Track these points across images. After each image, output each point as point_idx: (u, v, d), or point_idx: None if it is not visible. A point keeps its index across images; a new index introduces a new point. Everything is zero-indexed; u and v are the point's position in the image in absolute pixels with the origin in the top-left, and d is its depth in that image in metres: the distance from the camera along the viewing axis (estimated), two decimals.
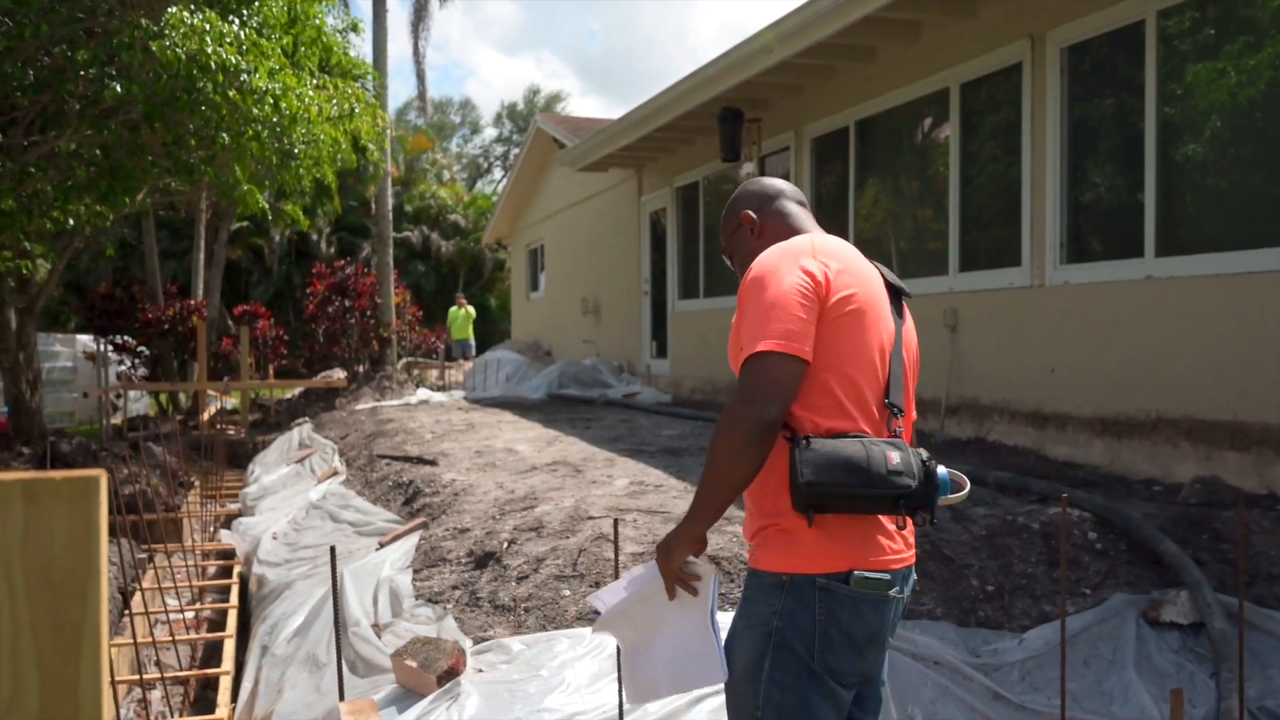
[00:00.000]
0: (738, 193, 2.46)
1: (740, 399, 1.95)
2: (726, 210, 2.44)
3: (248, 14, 7.01)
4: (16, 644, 0.92)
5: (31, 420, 11.03)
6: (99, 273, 25.69)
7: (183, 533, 7.88)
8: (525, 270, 20.53)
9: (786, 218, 2.36)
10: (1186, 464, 5.66)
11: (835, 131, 9.20)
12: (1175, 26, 6.01)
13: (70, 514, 0.92)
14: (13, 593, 0.92)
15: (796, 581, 1.99)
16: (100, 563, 0.96)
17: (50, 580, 0.93)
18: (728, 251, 2.45)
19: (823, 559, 1.99)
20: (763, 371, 1.96)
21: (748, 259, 2.29)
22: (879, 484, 1.94)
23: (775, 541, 2.03)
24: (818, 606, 1.97)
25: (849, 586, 1.98)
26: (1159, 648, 3.86)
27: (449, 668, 3.25)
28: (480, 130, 51.41)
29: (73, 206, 7.39)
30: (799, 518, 1.98)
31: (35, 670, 0.92)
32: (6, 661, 0.93)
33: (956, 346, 7.43)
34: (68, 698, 0.93)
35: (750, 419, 1.93)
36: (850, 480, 1.93)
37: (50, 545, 0.93)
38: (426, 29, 27.63)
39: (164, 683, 4.60)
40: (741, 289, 2.11)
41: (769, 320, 1.99)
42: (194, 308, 15.68)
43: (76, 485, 0.92)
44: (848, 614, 1.99)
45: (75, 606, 0.93)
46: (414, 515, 5.79)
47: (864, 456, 1.95)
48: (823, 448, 1.95)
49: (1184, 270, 5.83)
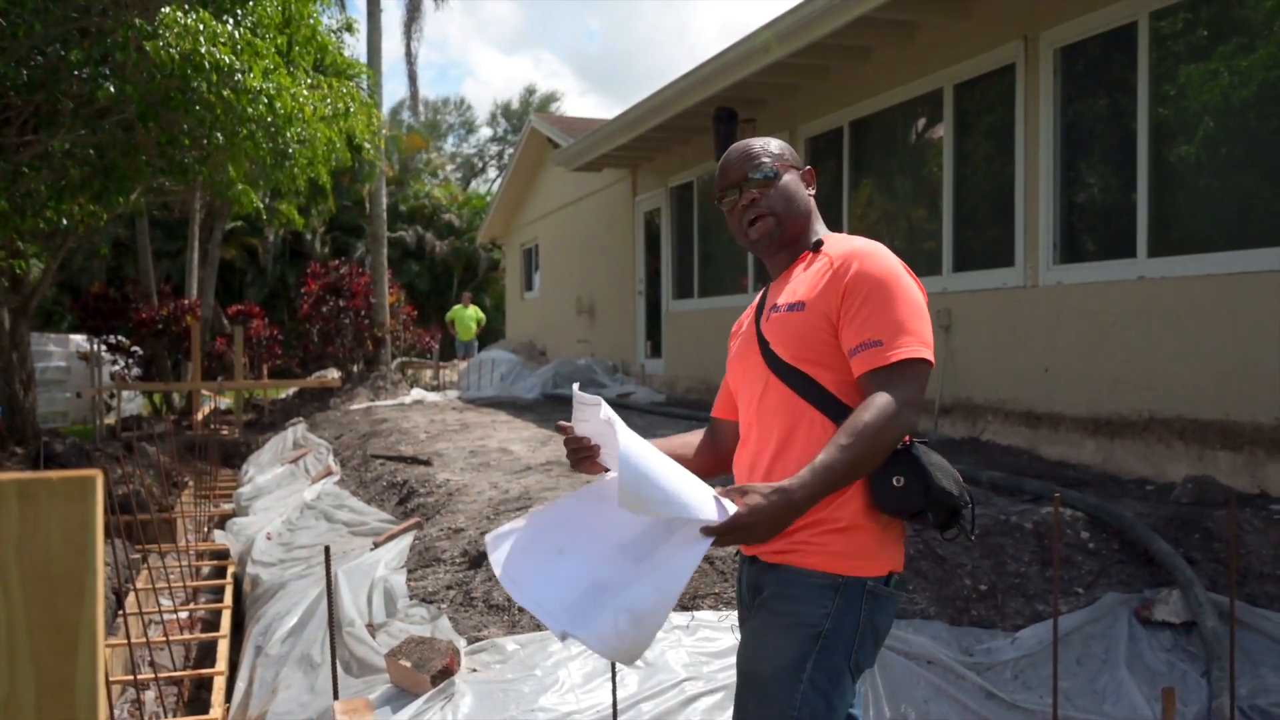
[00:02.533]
0: (769, 142, 2.21)
1: (906, 400, 1.87)
2: (760, 152, 2.16)
3: (242, 14, 7.00)
4: (13, 643, 0.92)
5: (25, 420, 11.01)
6: (92, 272, 25.64)
7: (176, 533, 7.88)
8: (520, 270, 20.53)
9: None
10: (1179, 463, 5.68)
11: (830, 131, 9.22)
12: (1168, 28, 6.04)
13: (67, 514, 0.92)
14: (9, 593, 0.93)
15: (850, 584, 1.95)
16: (97, 562, 0.97)
17: (47, 580, 0.93)
18: (758, 200, 2.13)
19: (875, 562, 1.97)
20: (922, 379, 1.92)
21: (795, 209, 2.15)
22: (964, 498, 1.96)
23: (830, 542, 1.96)
24: (862, 609, 1.95)
25: (889, 589, 1.99)
26: (1151, 646, 3.87)
27: (443, 667, 3.26)
28: (475, 130, 51.39)
29: (66, 206, 7.38)
30: (864, 518, 1.96)
31: (32, 669, 0.92)
32: (3, 660, 0.93)
33: (950, 346, 7.45)
34: (64, 697, 0.93)
35: (909, 424, 1.89)
36: (955, 495, 1.94)
37: (47, 545, 0.93)
38: (419, 29, 27.69)
39: (158, 683, 4.60)
40: (860, 273, 1.97)
41: (923, 322, 1.96)
42: (188, 307, 15.66)
43: (73, 485, 0.92)
44: (882, 615, 1.99)
45: (72, 606, 0.93)
46: (408, 515, 5.79)
47: (957, 474, 1.97)
48: (935, 459, 1.94)
49: (1177, 270, 5.85)
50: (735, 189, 2.16)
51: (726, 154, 2.20)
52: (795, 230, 2.16)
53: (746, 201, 2.13)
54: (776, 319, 2.07)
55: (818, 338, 2.00)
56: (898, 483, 1.90)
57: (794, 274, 2.12)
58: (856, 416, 1.86)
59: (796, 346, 2.02)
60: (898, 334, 1.91)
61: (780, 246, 2.17)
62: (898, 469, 1.90)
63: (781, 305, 2.07)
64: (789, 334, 2.03)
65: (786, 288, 2.11)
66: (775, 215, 2.13)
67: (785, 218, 2.13)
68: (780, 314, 2.07)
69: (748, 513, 1.78)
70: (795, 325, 2.02)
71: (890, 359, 1.89)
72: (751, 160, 2.14)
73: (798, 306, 2.03)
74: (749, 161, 2.14)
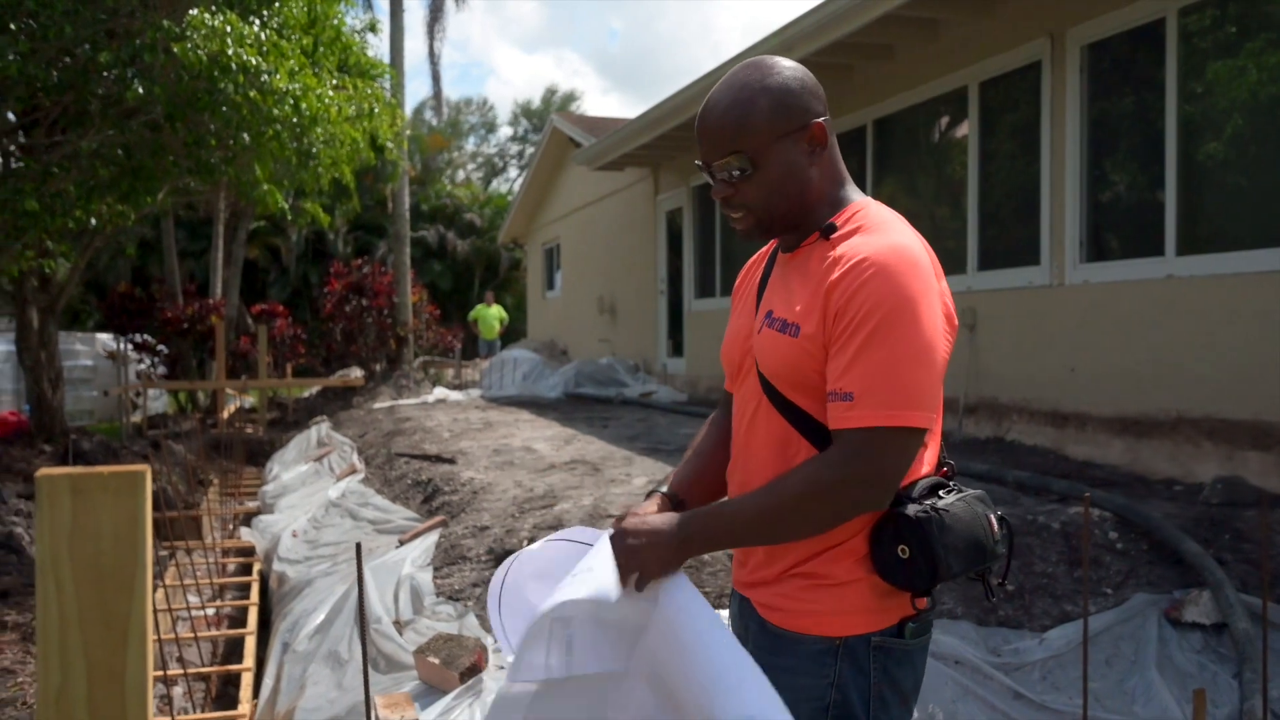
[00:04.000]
0: (782, 75, 1.68)
1: (856, 477, 1.52)
2: (756, 93, 1.66)
3: (268, 15, 7.06)
4: (65, 635, 0.94)
5: (53, 418, 11.12)
6: (118, 272, 25.89)
7: (202, 531, 7.94)
8: (541, 269, 20.57)
9: (838, 158, 1.76)
10: (1208, 464, 5.63)
11: (853, 130, 9.19)
12: (1196, 24, 5.98)
13: (116, 508, 0.94)
14: (61, 586, 0.94)
15: (851, 645, 1.66)
16: (146, 556, 0.98)
17: (98, 573, 0.94)
18: (730, 198, 1.71)
19: (878, 614, 1.67)
20: (900, 454, 1.54)
21: (784, 193, 1.68)
22: (990, 559, 1.68)
23: (820, 599, 1.67)
24: (872, 667, 1.66)
25: (903, 640, 1.68)
26: (1181, 648, 3.84)
27: (471, 664, 3.27)
28: (496, 129, 51.58)
29: (95, 206, 7.46)
30: (861, 571, 1.65)
31: (83, 661, 0.94)
32: (55, 653, 0.94)
33: (974, 346, 7.41)
34: (115, 688, 0.94)
35: (857, 503, 1.56)
36: (973, 563, 1.65)
37: (98, 539, 0.94)
38: (442, 29, 27.76)
39: (186, 679, 4.63)
40: (858, 294, 1.55)
41: (922, 371, 1.54)
42: (212, 307, 15.79)
43: (123, 480, 0.93)
44: (902, 669, 1.69)
45: (122, 599, 0.94)
46: (433, 513, 5.82)
47: (983, 534, 1.65)
48: (956, 526, 1.61)
49: (1205, 269, 5.80)
50: (707, 170, 1.72)
51: (700, 112, 1.71)
52: (790, 214, 1.71)
53: (717, 195, 1.72)
54: (769, 336, 1.71)
55: (811, 367, 1.63)
56: (903, 554, 1.60)
57: (799, 260, 1.72)
58: (786, 476, 1.58)
59: (787, 376, 1.67)
60: (878, 386, 1.51)
61: (779, 233, 1.76)
62: (904, 539, 1.60)
63: (776, 317, 1.70)
64: (779, 360, 1.68)
65: (789, 282, 1.73)
66: (753, 212, 1.71)
67: (770, 209, 1.70)
68: (773, 331, 1.70)
69: (621, 531, 1.59)
70: (785, 352, 1.66)
71: (856, 423, 1.52)
72: (717, 146, 1.67)
73: (791, 329, 1.65)
74: (715, 145, 1.68)
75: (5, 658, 5.25)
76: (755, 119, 1.64)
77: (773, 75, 1.68)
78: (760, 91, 1.66)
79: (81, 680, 0.97)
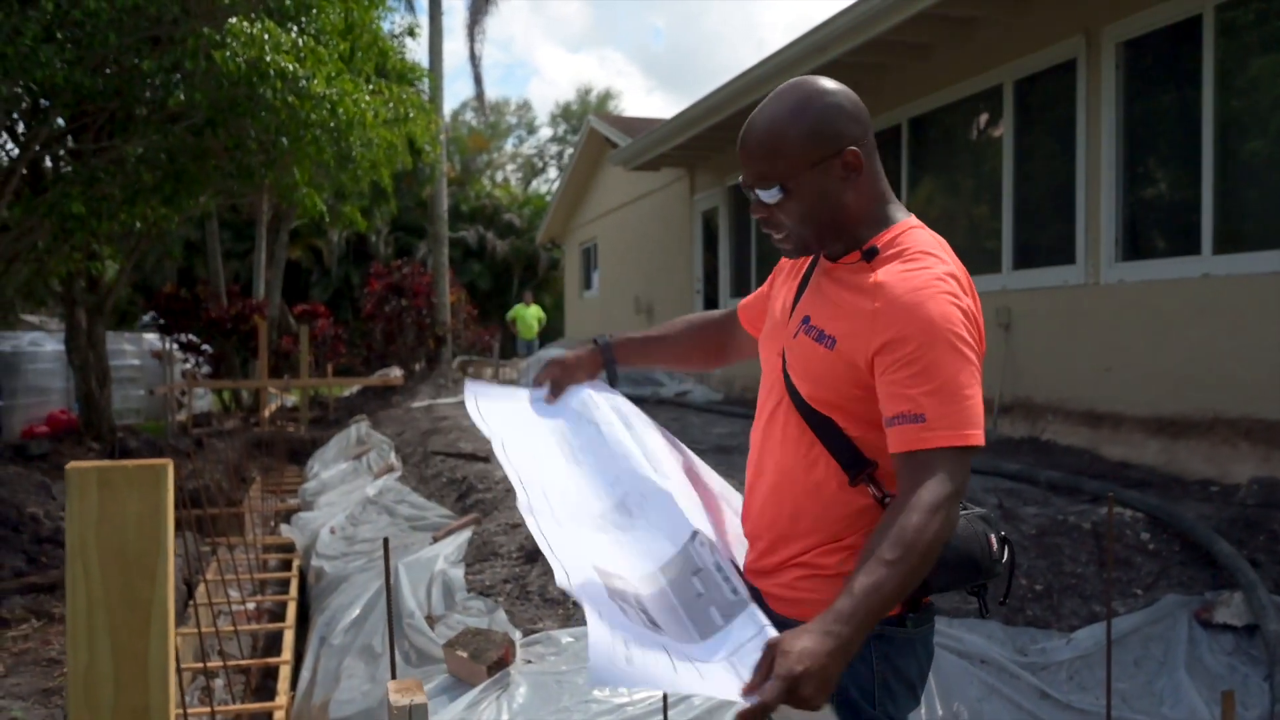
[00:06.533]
0: (818, 100, 1.68)
1: (953, 494, 1.52)
2: (788, 121, 1.68)
3: (305, 21, 7.19)
4: (92, 617, 1.00)
5: (101, 416, 11.37)
6: (166, 273, 26.34)
7: (245, 527, 8.09)
8: (579, 269, 20.67)
9: (880, 174, 1.76)
10: (1245, 464, 5.57)
11: (888, 129, 9.16)
12: (1234, 20, 5.92)
13: (141, 499, 1.00)
14: (89, 571, 1.01)
15: None
16: (168, 545, 1.04)
17: (123, 560, 1.01)
18: (767, 220, 1.76)
19: None
20: (968, 465, 1.57)
21: (822, 215, 1.71)
22: (984, 577, 1.72)
23: (819, 588, 1.71)
24: (875, 656, 1.69)
25: (906, 629, 1.71)
26: (1211, 649, 3.82)
27: (499, 658, 3.33)
28: (536, 130, 51.82)
29: (140, 209, 7.63)
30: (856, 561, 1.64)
31: (109, 642, 1.00)
32: (83, 633, 1.01)
33: (1010, 345, 7.38)
34: (138, 669, 1.01)
35: (955, 520, 1.56)
36: (964, 580, 1.69)
37: (123, 528, 1.01)
38: (482, 31, 27.87)
39: (226, 670, 4.74)
40: (907, 324, 1.57)
41: (976, 391, 1.59)
42: (255, 307, 16.03)
43: (147, 473, 0.99)
44: (905, 658, 1.72)
45: (145, 585, 1.01)
46: (466, 510, 5.89)
47: (979, 552, 1.68)
48: (950, 541, 1.61)
49: (1243, 268, 5.74)
50: (748, 190, 1.77)
51: (741, 134, 1.75)
52: (826, 236, 1.74)
53: (756, 215, 1.78)
54: (804, 342, 1.74)
55: (843, 384, 1.67)
56: None
57: (841, 274, 1.74)
58: (902, 521, 1.50)
59: (818, 387, 1.71)
60: (946, 409, 1.54)
61: (818, 250, 1.79)
62: None
63: (814, 325, 1.73)
64: (811, 370, 1.71)
65: (829, 293, 1.75)
66: (790, 233, 1.75)
67: (805, 231, 1.73)
68: (809, 338, 1.73)
69: (790, 676, 1.36)
70: (819, 363, 1.70)
71: (934, 443, 1.53)
72: (753, 170, 1.72)
73: (828, 340, 1.68)
74: (751, 170, 1.73)
75: (53, 648, 5.40)
76: (788, 146, 1.67)
77: (810, 101, 1.68)
78: (794, 119, 1.67)
79: (108, 659, 1.03)
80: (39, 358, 14.38)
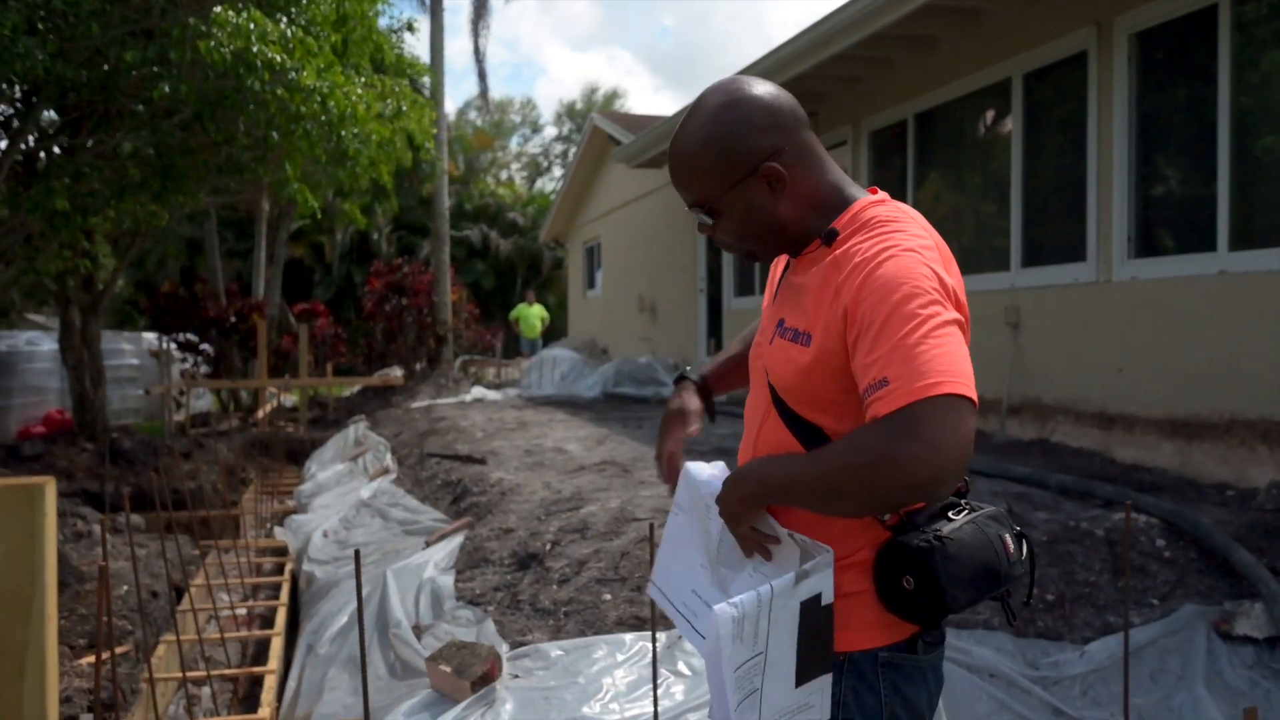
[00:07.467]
0: (723, 117, 1.61)
1: (905, 451, 1.34)
2: (697, 147, 1.63)
3: (295, 12, 7.03)
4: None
5: (95, 417, 11.24)
6: (167, 272, 26.27)
7: (241, 529, 7.95)
8: (582, 268, 20.52)
9: (823, 166, 1.68)
10: (1263, 468, 5.40)
11: (894, 124, 9.00)
12: (1252, 11, 5.74)
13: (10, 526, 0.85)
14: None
15: (855, 660, 1.59)
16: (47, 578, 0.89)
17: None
18: (711, 234, 1.71)
19: (886, 628, 1.60)
20: (946, 422, 1.35)
21: (757, 228, 1.65)
22: (1004, 583, 1.60)
23: None
24: (882, 685, 1.60)
25: (915, 656, 1.61)
26: (1231, 663, 3.65)
27: (484, 674, 3.18)
28: (540, 129, 51.72)
29: (128, 205, 7.48)
30: (865, 582, 1.59)
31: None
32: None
33: (1018, 344, 7.20)
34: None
35: (912, 479, 1.35)
36: (985, 591, 1.58)
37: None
38: (486, 27, 27.79)
39: (211, 680, 4.60)
40: (866, 287, 1.47)
41: (950, 342, 1.42)
42: (254, 306, 15.91)
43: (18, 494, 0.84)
44: (914, 687, 1.62)
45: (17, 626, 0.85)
46: (461, 514, 5.75)
47: (995, 558, 1.57)
48: (962, 554, 1.53)
49: (1260, 265, 5.56)
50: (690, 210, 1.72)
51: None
52: (773, 243, 1.69)
53: (701, 234, 1.74)
54: (781, 346, 1.65)
55: (824, 375, 1.56)
56: (908, 584, 1.53)
57: (804, 267, 1.66)
58: (834, 444, 1.46)
59: (802, 391, 1.61)
60: (907, 366, 1.38)
61: (774, 256, 1.74)
62: (908, 569, 1.53)
63: (789, 326, 1.64)
64: (790, 371, 1.61)
65: (798, 290, 1.66)
66: (734, 246, 1.72)
67: (749, 244, 1.70)
68: (785, 341, 1.64)
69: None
70: (796, 362, 1.59)
71: (897, 402, 1.37)
72: (680, 192, 1.70)
73: (804, 338, 1.58)
74: (679, 191, 1.70)
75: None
76: (700, 174, 1.63)
77: (716, 120, 1.61)
78: (702, 144, 1.62)
79: None
80: (36, 357, 14.28)
